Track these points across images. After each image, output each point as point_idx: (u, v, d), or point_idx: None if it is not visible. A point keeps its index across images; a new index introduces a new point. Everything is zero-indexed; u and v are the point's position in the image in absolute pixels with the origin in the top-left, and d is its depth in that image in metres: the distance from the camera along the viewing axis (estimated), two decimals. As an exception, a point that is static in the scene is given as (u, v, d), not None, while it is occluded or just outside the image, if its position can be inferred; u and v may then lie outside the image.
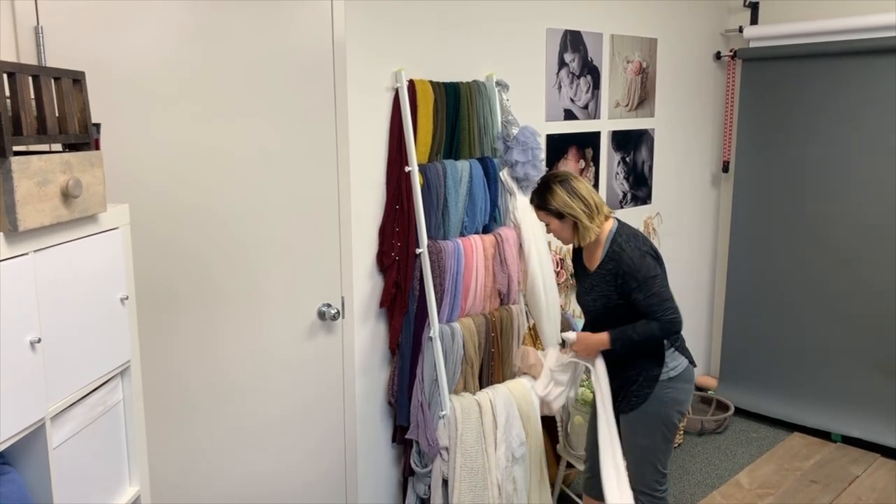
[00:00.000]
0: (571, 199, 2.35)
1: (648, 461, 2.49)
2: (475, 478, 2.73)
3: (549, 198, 2.38)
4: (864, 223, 3.84)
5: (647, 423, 2.46)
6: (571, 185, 2.37)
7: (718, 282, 4.64)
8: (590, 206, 2.37)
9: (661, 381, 2.42)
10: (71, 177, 1.46)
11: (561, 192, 2.36)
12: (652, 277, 2.31)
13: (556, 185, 2.37)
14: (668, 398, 2.43)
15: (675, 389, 2.44)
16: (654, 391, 2.42)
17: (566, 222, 2.39)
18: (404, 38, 2.75)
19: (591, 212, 2.37)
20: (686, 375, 2.48)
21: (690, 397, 2.53)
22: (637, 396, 2.44)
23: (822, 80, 3.90)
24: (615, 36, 3.69)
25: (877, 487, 3.45)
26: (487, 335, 2.96)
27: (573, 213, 2.36)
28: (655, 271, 2.33)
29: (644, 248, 2.36)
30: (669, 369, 2.43)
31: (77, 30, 1.98)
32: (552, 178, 2.41)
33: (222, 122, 2.28)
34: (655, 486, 2.52)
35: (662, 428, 2.46)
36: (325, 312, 2.60)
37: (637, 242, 2.37)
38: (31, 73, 1.42)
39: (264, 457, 2.55)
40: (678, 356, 2.46)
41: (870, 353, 3.88)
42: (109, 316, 1.66)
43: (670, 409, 2.44)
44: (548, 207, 2.39)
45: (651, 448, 2.48)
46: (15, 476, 1.43)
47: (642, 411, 2.44)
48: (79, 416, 1.59)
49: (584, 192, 2.38)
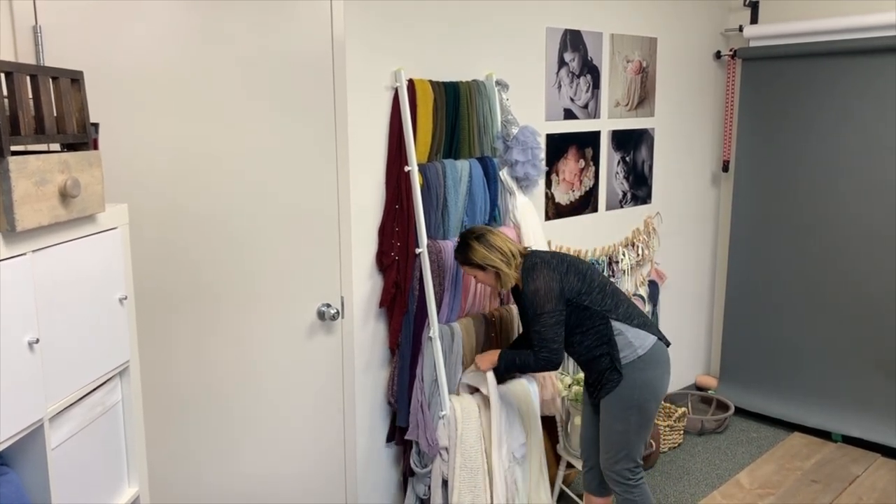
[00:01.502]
0: (489, 251, 2.56)
1: (622, 447, 2.55)
2: (475, 478, 2.73)
3: (468, 254, 2.59)
4: (864, 222, 3.84)
5: (620, 407, 2.51)
6: (487, 239, 2.58)
7: (718, 281, 4.63)
8: (506, 255, 2.57)
9: (630, 362, 2.48)
10: (69, 177, 1.46)
11: (479, 247, 2.57)
12: (539, 315, 2.48)
13: (473, 241, 2.59)
14: (639, 381, 2.49)
15: (646, 371, 2.49)
16: (625, 374, 2.48)
17: (489, 272, 2.59)
18: (404, 38, 2.75)
19: (509, 259, 2.57)
20: (655, 355, 2.52)
21: (665, 382, 2.55)
22: (610, 381, 2.51)
23: (822, 79, 3.90)
24: (615, 35, 3.69)
25: (877, 487, 3.45)
26: (487, 335, 2.96)
27: (493, 264, 2.56)
28: (544, 308, 2.47)
29: (539, 282, 2.49)
30: (636, 348, 2.49)
31: (75, 29, 1.97)
32: (469, 234, 2.63)
33: (221, 122, 2.28)
34: (628, 474, 2.57)
35: (636, 413, 2.51)
36: (325, 312, 2.59)
37: (535, 274, 2.51)
38: (29, 73, 1.41)
39: (264, 457, 2.54)
40: (643, 334, 2.51)
41: (870, 353, 3.88)
42: (108, 316, 1.66)
43: (644, 392, 2.49)
44: (470, 262, 2.60)
45: (624, 434, 2.53)
46: (13, 477, 1.42)
47: (616, 394, 2.50)
48: (77, 417, 1.59)
49: (499, 243, 2.58)
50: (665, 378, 2.56)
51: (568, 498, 3.29)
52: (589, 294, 2.51)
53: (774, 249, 4.19)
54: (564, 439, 3.16)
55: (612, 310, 2.52)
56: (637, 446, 2.56)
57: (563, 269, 2.52)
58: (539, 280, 2.49)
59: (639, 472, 2.59)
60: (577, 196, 3.65)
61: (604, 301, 2.52)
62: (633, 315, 2.54)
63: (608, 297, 2.53)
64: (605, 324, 2.50)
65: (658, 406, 2.56)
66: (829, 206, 3.95)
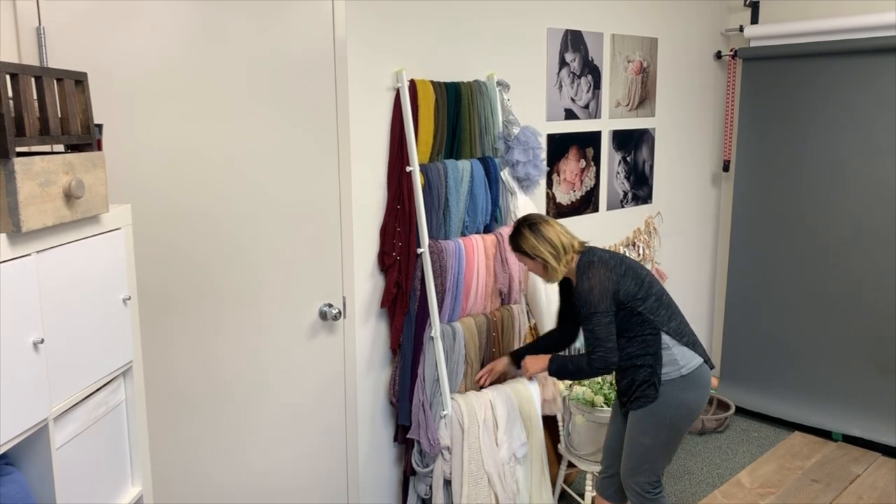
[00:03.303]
0: (539, 242, 2.50)
1: (647, 460, 2.50)
2: (477, 477, 2.73)
3: (519, 241, 2.56)
4: (864, 222, 3.84)
5: (652, 423, 2.45)
6: (540, 229, 2.53)
7: (719, 281, 4.64)
8: (557, 249, 2.50)
9: (671, 379, 2.42)
10: (73, 177, 1.46)
11: (530, 235, 2.52)
12: (591, 314, 2.42)
13: (525, 229, 2.54)
14: (677, 400, 2.42)
15: (686, 391, 2.42)
16: (663, 391, 2.42)
17: (537, 262, 2.54)
18: (405, 38, 2.75)
19: (559, 253, 2.50)
20: (699, 377, 2.45)
21: (702, 405, 2.48)
22: (646, 396, 2.44)
23: (823, 79, 3.91)
24: (616, 35, 3.69)
25: (877, 486, 3.45)
26: (489, 335, 2.96)
27: (541, 256, 2.50)
28: (598, 308, 2.40)
29: (594, 280, 2.41)
30: (680, 367, 2.42)
31: (78, 30, 1.98)
32: (523, 221, 2.58)
33: (224, 123, 2.28)
34: (648, 487, 2.53)
35: (666, 431, 2.45)
36: (327, 312, 2.60)
37: (590, 273, 2.43)
38: (33, 75, 1.42)
39: (266, 456, 2.55)
40: (690, 353, 2.45)
41: (870, 352, 3.89)
42: (112, 316, 1.66)
43: (679, 412, 2.43)
44: (519, 249, 2.57)
45: (651, 449, 2.48)
46: (18, 476, 1.43)
47: (649, 409, 2.44)
48: (81, 417, 1.59)
49: (552, 235, 2.51)
50: (703, 401, 2.48)
51: (569, 497, 3.30)
52: (644, 301, 2.43)
53: (775, 249, 4.19)
54: (566, 439, 3.16)
55: (665, 322, 2.44)
56: (661, 462, 2.51)
57: (622, 271, 2.44)
58: (595, 278, 2.41)
59: (658, 487, 2.54)
60: (578, 196, 3.65)
61: (658, 311, 2.44)
62: (684, 332, 2.47)
63: (663, 307, 2.46)
64: (654, 335, 2.43)
65: (690, 426, 2.50)
66: (830, 205, 3.96)
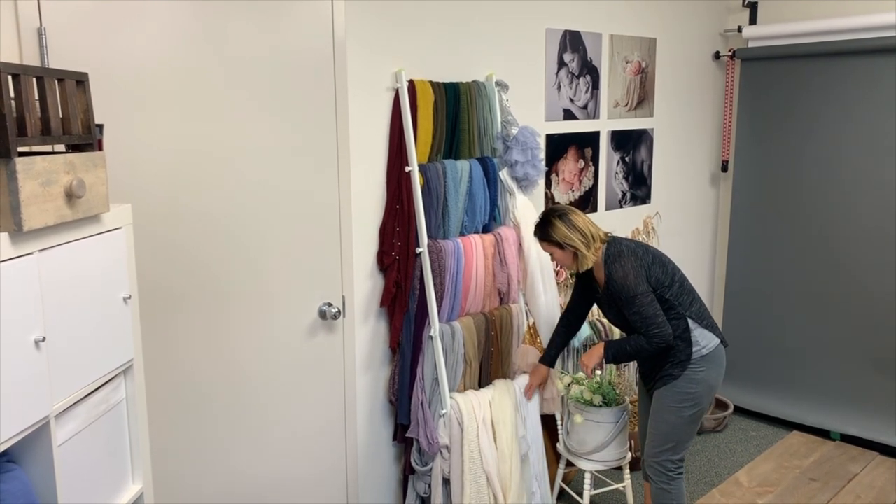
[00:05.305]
0: (570, 231, 2.57)
1: (670, 438, 2.63)
2: (476, 476, 2.74)
3: (549, 231, 2.61)
4: (863, 222, 3.85)
5: (676, 400, 2.59)
6: (570, 218, 2.60)
7: (717, 281, 4.65)
8: (587, 237, 2.58)
9: (693, 359, 2.57)
10: (74, 177, 1.48)
11: (560, 225, 2.58)
12: (633, 297, 2.50)
13: (555, 219, 2.60)
14: (699, 377, 2.57)
15: (707, 370, 2.58)
16: (686, 370, 2.56)
17: (567, 252, 2.60)
18: (404, 39, 2.76)
19: (589, 241, 2.58)
20: (717, 356, 2.60)
21: (720, 381, 2.65)
22: (670, 375, 2.59)
23: (821, 79, 3.91)
24: (614, 36, 3.70)
25: (875, 485, 3.46)
26: (487, 334, 2.97)
27: (572, 244, 2.57)
28: (637, 290, 2.50)
29: (627, 267, 2.52)
30: (701, 347, 2.57)
31: (79, 31, 1.99)
32: (552, 212, 2.64)
33: (224, 123, 2.29)
34: (670, 465, 2.65)
35: (690, 407, 2.58)
36: (326, 312, 2.61)
37: (622, 261, 2.54)
38: (35, 75, 1.43)
39: (265, 455, 2.56)
40: (709, 335, 2.59)
41: (869, 352, 3.89)
42: (112, 315, 1.68)
43: (700, 388, 2.57)
44: (550, 239, 2.62)
45: (676, 426, 2.61)
46: (19, 473, 1.44)
47: (672, 387, 2.59)
48: (82, 415, 1.61)
49: (581, 224, 2.59)
50: (720, 378, 2.64)
51: (567, 496, 3.30)
52: (670, 287, 2.56)
53: (773, 249, 4.20)
54: (564, 438, 3.17)
55: (688, 307, 2.58)
56: (685, 441, 2.64)
57: (649, 260, 2.56)
58: (627, 266, 2.52)
59: (681, 467, 2.67)
60: (577, 196, 3.66)
61: (681, 296, 2.58)
62: (704, 315, 2.62)
63: (685, 293, 2.60)
64: (679, 319, 2.56)
65: (710, 404, 2.65)
66: (829, 205, 3.97)
